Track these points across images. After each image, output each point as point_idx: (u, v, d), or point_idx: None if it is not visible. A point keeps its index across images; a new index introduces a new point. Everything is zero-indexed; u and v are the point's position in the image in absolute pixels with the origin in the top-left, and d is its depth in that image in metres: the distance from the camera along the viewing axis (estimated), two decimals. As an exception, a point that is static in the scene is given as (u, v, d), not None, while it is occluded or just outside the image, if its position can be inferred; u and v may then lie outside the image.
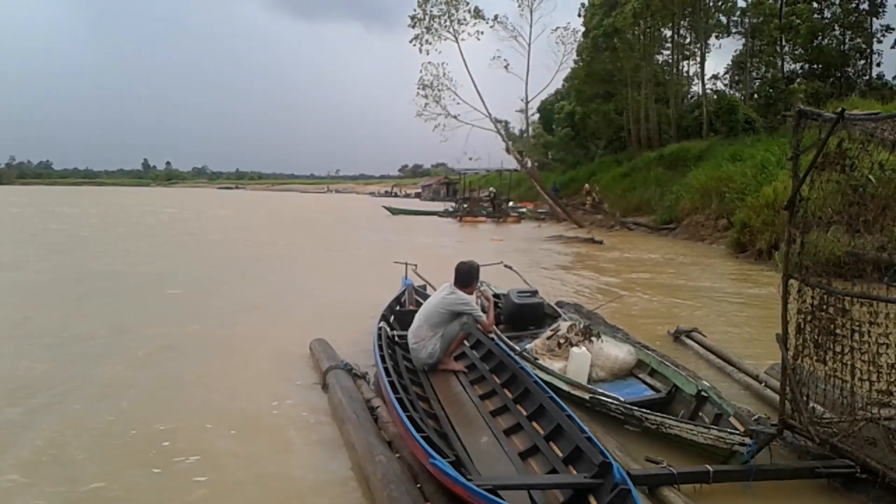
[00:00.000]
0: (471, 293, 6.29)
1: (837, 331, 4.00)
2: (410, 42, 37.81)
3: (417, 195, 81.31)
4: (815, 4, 33.74)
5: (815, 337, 4.13)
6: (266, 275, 14.21)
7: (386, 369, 5.36)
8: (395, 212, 40.07)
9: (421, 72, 38.34)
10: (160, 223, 31.55)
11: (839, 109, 3.81)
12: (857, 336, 3.91)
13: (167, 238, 23.23)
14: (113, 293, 11.33)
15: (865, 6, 33.67)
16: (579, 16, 43.25)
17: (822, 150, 3.91)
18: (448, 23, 37.47)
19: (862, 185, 3.83)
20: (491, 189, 42.41)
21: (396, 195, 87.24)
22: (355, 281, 13.31)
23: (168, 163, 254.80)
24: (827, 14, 34.77)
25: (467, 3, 37.67)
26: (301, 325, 8.41)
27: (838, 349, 4.01)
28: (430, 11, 37.44)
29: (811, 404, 4.32)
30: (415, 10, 37.78)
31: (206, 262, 16.40)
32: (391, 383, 4.98)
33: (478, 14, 37.96)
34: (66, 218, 33.63)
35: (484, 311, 6.36)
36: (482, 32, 38.21)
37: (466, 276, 6.19)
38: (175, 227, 28.82)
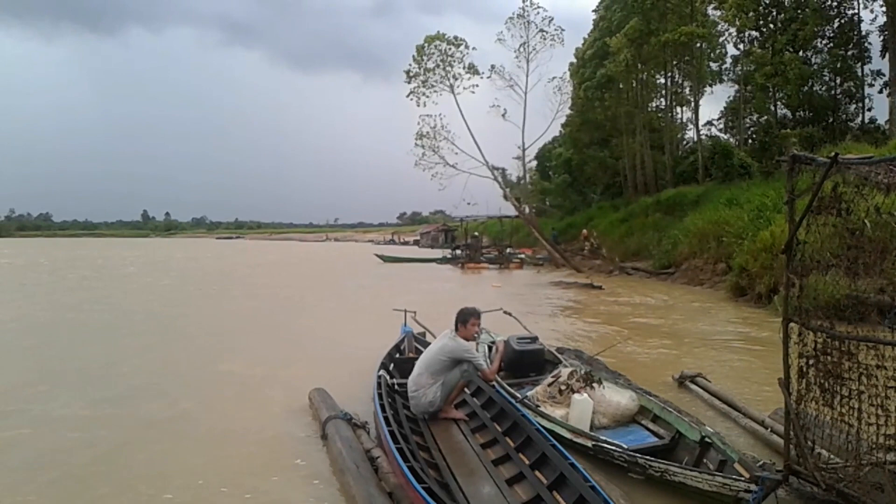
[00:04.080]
0: (473, 327, 6.21)
1: (843, 374, 3.97)
2: (407, 96, 38.45)
3: (416, 242, 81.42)
4: (801, 53, 34.31)
5: (819, 381, 4.11)
6: (266, 322, 14.19)
7: (386, 418, 5.31)
8: (386, 259, 40.06)
9: (418, 123, 38.91)
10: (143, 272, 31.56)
11: (832, 154, 3.85)
12: (863, 379, 3.88)
13: (155, 284, 23.23)
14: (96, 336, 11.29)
15: (853, 52, 34.19)
16: (569, 72, 43.90)
17: (816, 194, 3.94)
18: (444, 76, 38.10)
19: (858, 228, 3.84)
20: (475, 234, 42.58)
21: (395, 242, 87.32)
22: (355, 329, 13.26)
23: (167, 213, 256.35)
24: (816, 60, 35.36)
25: (461, 61, 38.36)
26: (300, 374, 8.37)
27: (844, 393, 3.98)
28: (426, 65, 38.10)
29: (817, 449, 4.27)
30: (410, 66, 38.46)
31: (200, 310, 16.38)
32: (391, 433, 4.92)
33: (472, 69, 38.59)
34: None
35: (492, 360, 6.32)
36: (477, 85, 38.85)
37: (465, 321, 6.16)
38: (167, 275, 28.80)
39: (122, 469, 5.36)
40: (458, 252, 39.80)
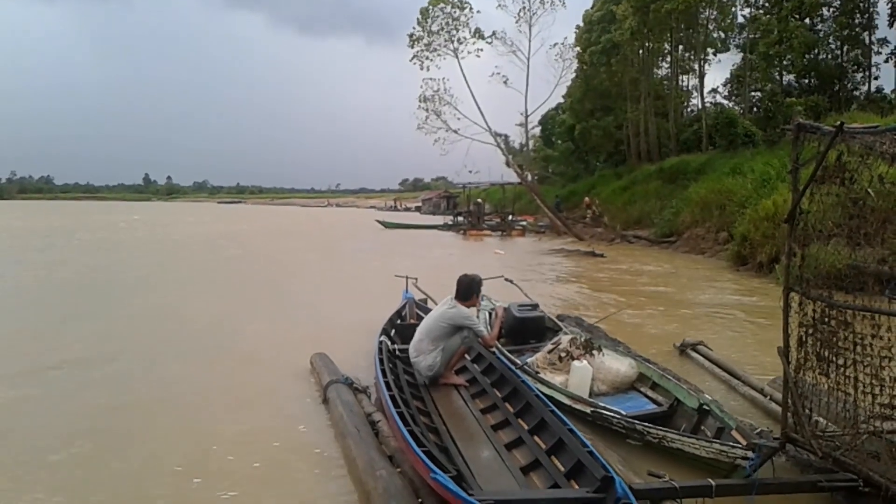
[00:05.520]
0: (472, 306, 6.28)
1: (840, 344, 3.99)
2: (410, 60, 38.03)
3: (418, 209, 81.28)
4: (808, 21, 33.89)
5: (818, 350, 4.13)
6: (268, 287, 14.26)
7: (387, 383, 5.34)
8: (387, 225, 39.97)
9: (422, 87, 38.53)
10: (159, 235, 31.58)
11: (838, 123, 3.82)
12: (859, 349, 3.90)
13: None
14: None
15: (860, 20, 33.75)
16: (575, 36, 43.39)
17: (821, 163, 3.91)
18: (448, 41, 37.65)
19: (862, 198, 3.83)
20: (478, 200, 42.48)
21: (397, 209, 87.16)
22: (357, 294, 13.31)
23: (169, 177, 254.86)
24: (822, 28, 34.94)
25: (467, 24, 37.86)
26: (301, 340, 8.41)
27: (841, 362, 4.00)
28: (430, 28, 37.62)
29: (814, 417, 4.30)
30: (414, 29, 38.00)
31: (204, 275, 16.43)
32: (392, 397, 4.96)
33: (478, 34, 38.13)
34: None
35: (491, 326, 6.35)
36: (482, 50, 38.40)
37: (467, 290, 6.17)
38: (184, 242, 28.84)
39: (125, 436, 5.40)
40: (460, 219, 39.72)
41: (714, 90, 42.99)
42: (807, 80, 35.43)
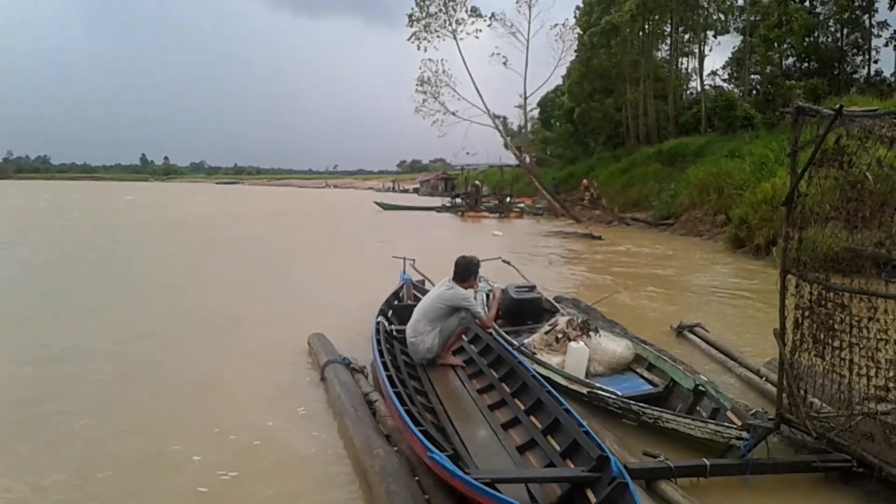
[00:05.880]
0: (469, 288, 6.29)
1: (836, 326, 4.01)
2: (408, 40, 37.76)
3: (416, 190, 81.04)
4: (808, 4, 33.72)
5: (814, 332, 4.15)
6: (266, 268, 14.26)
7: (384, 363, 5.36)
8: (385, 207, 39.81)
9: (420, 68, 38.30)
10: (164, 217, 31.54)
11: (837, 106, 3.81)
12: (855, 331, 3.92)
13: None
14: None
15: (860, 3, 33.59)
16: (575, 17, 43.14)
17: (819, 146, 3.91)
18: (446, 21, 37.39)
19: (860, 181, 3.83)
20: (476, 182, 42.36)
21: (395, 190, 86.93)
22: (354, 275, 13.32)
23: (166, 157, 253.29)
24: (822, 11, 34.78)
25: (464, 4, 37.58)
26: (299, 320, 8.44)
27: (836, 344, 4.02)
28: (428, 9, 37.36)
29: (809, 399, 4.33)
30: (412, 10, 37.71)
31: (202, 256, 16.44)
32: (389, 377, 4.98)
33: (476, 13, 37.86)
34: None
35: (489, 307, 6.36)
36: (480, 30, 38.13)
37: (465, 271, 6.18)
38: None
39: (122, 416, 5.42)
40: (458, 200, 39.64)
41: (714, 73, 42.94)
42: (806, 64, 35.30)
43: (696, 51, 38.62)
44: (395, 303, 8.05)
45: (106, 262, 15.02)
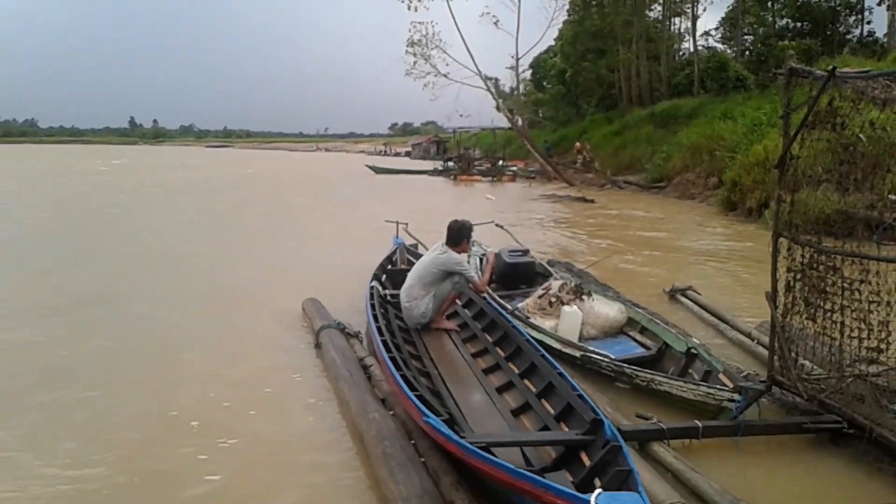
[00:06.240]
0: (463, 252, 6.29)
1: (828, 289, 4.03)
2: (400, -1, 37.19)
3: (407, 154, 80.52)
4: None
5: (805, 295, 4.17)
6: (258, 233, 14.23)
7: (379, 328, 5.37)
8: (377, 170, 39.55)
9: (409, 30, 37.82)
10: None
11: (830, 67, 3.79)
12: (847, 294, 3.94)
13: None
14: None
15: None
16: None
17: (812, 108, 3.89)
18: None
19: (852, 143, 3.83)
20: (466, 148, 42.18)
21: (387, 153, 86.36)
22: (347, 240, 13.30)
23: (155, 121, 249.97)
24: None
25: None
26: (293, 285, 8.44)
27: (828, 307, 4.05)
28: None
29: (800, 361, 4.38)
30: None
31: (196, 221, 16.38)
32: (384, 342, 5.00)
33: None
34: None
35: (482, 271, 6.37)
36: (472, -11, 37.55)
37: (458, 235, 6.17)
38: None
39: (121, 382, 5.44)
40: (451, 164, 39.47)
41: (706, 33, 42.59)
42: (799, 24, 34.96)
43: (690, 11, 38.26)
44: (389, 267, 8.06)
45: (102, 229, 14.94)
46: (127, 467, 3.97)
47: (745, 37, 36.87)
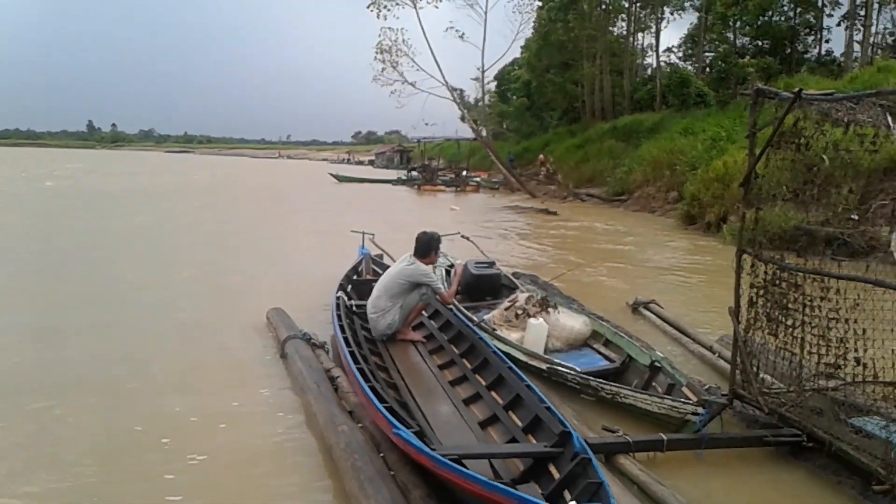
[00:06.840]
0: (430, 263, 6.31)
1: (789, 305, 4.13)
2: (368, 7, 37.22)
3: (371, 162, 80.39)
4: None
5: (768, 310, 4.27)
6: (220, 241, 14.06)
7: (346, 339, 5.35)
8: (341, 179, 39.41)
9: (379, 36, 37.81)
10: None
11: (797, 89, 3.90)
12: (807, 310, 4.04)
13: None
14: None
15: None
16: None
17: (778, 128, 4.00)
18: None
19: (816, 164, 3.94)
20: (430, 158, 42.31)
21: (350, 162, 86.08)
22: (312, 249, 13.20)
23: (113, 125, 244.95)
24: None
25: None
26: (256, 295, 8.33)
27: (790, 323, 4.15)
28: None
29: (761, 375, 4.47)
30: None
31: (156, 230, 16.13)
32: (352, 353, 4.98)
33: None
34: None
35: (449, 283, 6.39)
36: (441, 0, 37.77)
37: (426, 247, 6.18)
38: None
39: (84, 402, 5.24)
40: (415, 174, 39.50)
41: (669, 49, 43.29)
42: (759, 42, 35.78)
43: (653, 25, 38.92)
44: (355, 278, 8.02)
45: (47, 241, 14.61)
46: (93, 488, 3.85)
47: (707, 54, 37.62)
